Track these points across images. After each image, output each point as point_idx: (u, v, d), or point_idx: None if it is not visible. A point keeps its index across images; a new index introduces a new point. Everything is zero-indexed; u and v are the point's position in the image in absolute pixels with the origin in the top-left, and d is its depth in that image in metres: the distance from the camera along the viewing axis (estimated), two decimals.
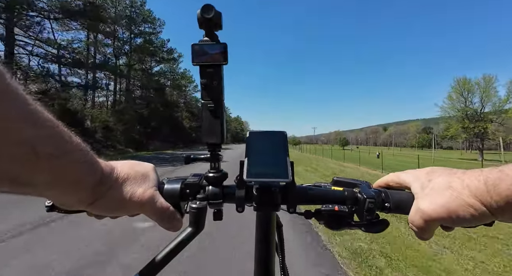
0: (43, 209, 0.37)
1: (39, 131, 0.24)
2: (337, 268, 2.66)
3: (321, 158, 25.00)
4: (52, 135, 0.25)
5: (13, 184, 0.24)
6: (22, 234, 3.15)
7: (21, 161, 0.23)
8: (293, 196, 0.39)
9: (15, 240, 2.99)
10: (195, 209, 0.38)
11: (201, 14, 0.36)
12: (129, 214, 0.37)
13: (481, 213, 0.29)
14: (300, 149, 51.50)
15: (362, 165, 16.91)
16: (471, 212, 0.30)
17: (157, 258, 0.35)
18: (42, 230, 3.36)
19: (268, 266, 0.44)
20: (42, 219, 3.67)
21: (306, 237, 3.46)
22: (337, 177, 0.45)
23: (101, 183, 0.32)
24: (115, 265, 2.50)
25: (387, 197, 0.39)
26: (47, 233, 3.25)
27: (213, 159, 0.42)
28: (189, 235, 0.37)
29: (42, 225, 3.50)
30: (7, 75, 0.21)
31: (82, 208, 0.33)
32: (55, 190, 0.28)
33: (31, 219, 3.65)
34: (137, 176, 0.36)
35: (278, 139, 0.42)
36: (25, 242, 2.95)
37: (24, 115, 0.22)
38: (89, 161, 0.30)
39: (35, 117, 0.24)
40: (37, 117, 0.24)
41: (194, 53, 0.38)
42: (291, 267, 0.47)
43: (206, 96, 0.39)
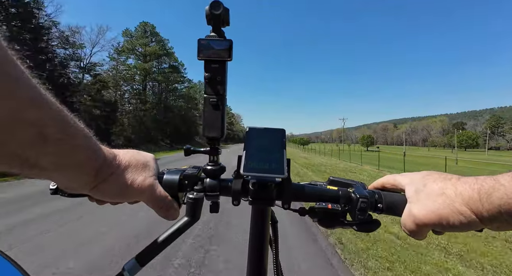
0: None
1: (46, 114, 0.24)
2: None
3: (384, 172, 14.83)
4: (58, 118, 0.26)
5: (23, 166, 0.25)
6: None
7: (30, 143, 0.23)
8: (288, 193, 0.40)
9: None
10: (192, 200, 0.39)
11: (209, 10, 0.37)
12: (129, 200, 0.37)
13: (471, 221, 0.30)
14: (315, 151, 42.62)
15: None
16: (461, 219, 0.31)
17: (153, 245, 0.37)
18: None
19: (261, 260, 0.45)
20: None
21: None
22: (333, 176, 0.46)
23: (104, 168, 0.33)
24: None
25: (380, 198, 0.39)
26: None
27: (212, 153, 0.43)
28: (185, 224, 0.38)
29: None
30: (14, 58, 0.22)
31: (85, 191, 0.34)
32: (60, 173, 0.28)
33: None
34: (138, 165, 0.37)
35: (276, 136, 0.42)
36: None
37: (30, 97, 0.23)
38: (92, 146, 0.31)
39: (41, 100, 0.24)
40: (43, 100, 0.24)
41: (200, 47, 0.39)
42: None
43: (209, 90, 0.40)
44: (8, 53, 0.21)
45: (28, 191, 5.93)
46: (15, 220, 3.94)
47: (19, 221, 3.89)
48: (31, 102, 0.23)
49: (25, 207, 4.60)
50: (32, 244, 3.11)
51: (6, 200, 5.19)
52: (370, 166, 17.90)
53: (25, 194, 5.61)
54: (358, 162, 20.79)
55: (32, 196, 5.40)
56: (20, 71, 0.22)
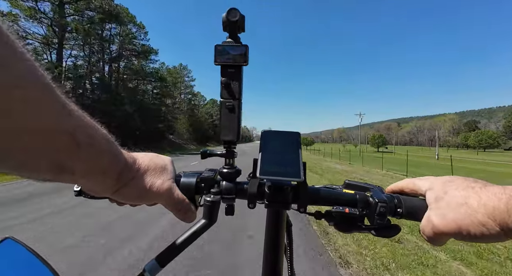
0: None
1: (76, 120, 0.25)
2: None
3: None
4: (85, 124, 0.27)
5: (58, 172, 0.25)
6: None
7: (67, 149, 0.24)
8: (305, 196, 0.39)
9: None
10: (209, 202, 0.39)
11: (226, 17, 0.37)
12: (148, 203, 0.38)
13: (493, 233, 0.29)
14: (319, 152, 38.33)
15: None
16: (483, 231, 0.29)
17: (172, 246, 0.37)
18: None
19: (276, 263, 0.44)
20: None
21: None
22: (349, 180, 0.46)
23: (125, 172, 0.33)
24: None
25: (399, 202, 0.39)
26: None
27: (228, 156, 0.43)
28: (202, 227, 0.39)
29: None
30: (43, 68, 0.22)
31: (108, 195, 0.35)
32: (87, 177, 0.29)
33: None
34: (156, 168, 0.37)
35: (291, 139, 0.42)
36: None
37: (61, 105, 0.24)
38: (114, 151, 0.31)
39: (69, 107, 0.25)
40: (70, 107, 0.25)
41: (217, 53, 0.39)
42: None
43: (226, 94, 0.41)
44: (37, 65, 0.22)
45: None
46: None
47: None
48: (65, 110, 0.24)
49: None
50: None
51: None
52: (400, 173, 13.91)
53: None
54: (374, 166, 17.68)
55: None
56: (51, 81, 0.23)
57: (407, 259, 3.05)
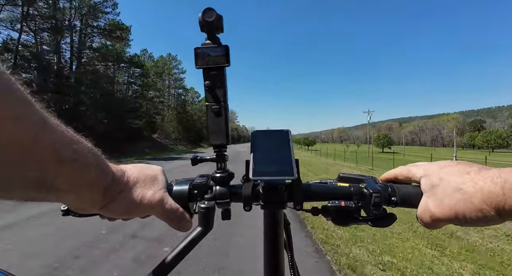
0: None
1: (58, 135, 0.25)
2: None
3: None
4: (69, 138, 0.26)
5: (39, 188, 0.25)
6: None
7: (48, 164, 0.24)
8: (300, 193, 0.39)
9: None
10: (204, 209, 0.39)
11: (202, 18, 0.37)
12: (140, 216, 0.37)
13: (489, 217, 0.29)
14: (320, 152, 35.95)
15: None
16: (479, 216, 0.30)
17: (168, 258, 0.36)
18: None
19: (277, 264, 0.44)
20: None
21: None
22: (343, 173, 0.46)
23: (113, 186, 0.32)
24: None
25: (393, 191, 0.38)
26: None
27: (219, 160, 0.42)
28: (199, 234, 0.38)
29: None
30: (20, 83, 0.22)
31: (95, 211, 0.34)
32: (72, 194, 0.28)
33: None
34: (146, 179, 0.37)
35: (282, 137, 0.42)
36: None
37: (43, 119, 0.23)
38: (101, 164, 0.31)
39: (52, 121, 0.24)
40: (51, 122, 0.24)
41: (197, 56, 0.39)
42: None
43: (210, 98, 0.40)
44: (13, 79, 0.21)
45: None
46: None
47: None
48: (45, 124, 0.23)
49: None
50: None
51: None
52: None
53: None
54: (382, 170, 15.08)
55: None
56: (29, 96, 0.23)
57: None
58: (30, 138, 0.22)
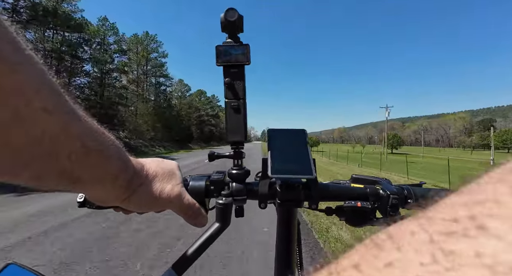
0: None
1: (84, 126, 0.24)
2: None
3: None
4: (94, 130, 0.26)
5: (67, 179, 0.24)
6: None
7: (76, 155, 0.23)
8: (316, 193, 0.39)
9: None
10: (222, 205, 0.39)
11: (224, 18, 0.37)
12: (157, 210, 0.37)
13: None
14: (327, 154, 32.33)
15: None
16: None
17: (188, 253, 0.37)
18: None
19: (289, 262, 0.43)
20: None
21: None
22: (356, 174, 0.46)
23: (134, 179, 0.32)
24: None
25: (409, 193, 0.39)
26: None
27: (236, 156, 0.42)
28: (216, 230, 0.38)
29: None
30: (53, 74, 0.22)
31: (117, 203, 0.33)
32: (97, 185, 0.28)
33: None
34: (164, 173, 0.37)
35: (299, 137, 0.42)
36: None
37: (71, 110, 0.23)
38: (122, 157, 0.31)
39: (78, 112, 0.24)
40: (79, 114, 0.24)
41: (218, 54, 0.39)
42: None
43: (230, 95, 0.40)
44: (46, 70, 0.21)
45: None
46: None
47: None
48: (74, 116, 0.23)
49: None
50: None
51: None
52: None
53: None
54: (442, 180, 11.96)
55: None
56: (60, 87, 0.22)
57: None
58: (60, 129, 0.21)
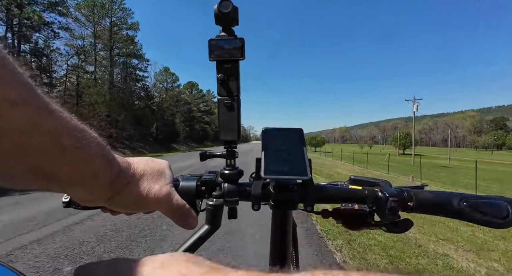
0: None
1: (60, 122, 0.23)
2: None
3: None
4: (72, 127, 0.25)
5: (39, 178, 0.23)
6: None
7: (49, 152, 0.22)
8: (312, 194, 0.38)
9: None
10: (212, 207, 0.37)
11: (218, 9, 0.34)
12: (145, 210, 0.36)
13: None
14: (335, 155, 29.03)
15: None
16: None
17: None
18: None
19: (283, 267, 0.41)
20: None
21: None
22: (355, 176, 0.44)
23: (119, 178, 0.31)
24: None
25: (410, 196, 0.37)
26: None
27: (229, 156, 0.41)
28: (206, 233, 0.37)
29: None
30: (23, 68, 0.21)
31: (101, 203, 0.32)
32: (77, 185, 0.27)
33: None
34: (153, 173, 0.35)
35: (294, 136, 0.40)
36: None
37: (44, 105, 0.22)
38: (106, 155, 0.29)
39: (54, 108, 0.23)
40: (53, 108, 0.23)
41: (211, 48, 0.37)
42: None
43: (223, 92, 0.38)
44: (16, 64, 0.20)
45: None
46: None
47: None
48: (46, 110, 0.22)
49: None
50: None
51: None
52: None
53: None
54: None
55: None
56: (29, 80, 0.21)
57: None
58: (29, 124, 0.20)
